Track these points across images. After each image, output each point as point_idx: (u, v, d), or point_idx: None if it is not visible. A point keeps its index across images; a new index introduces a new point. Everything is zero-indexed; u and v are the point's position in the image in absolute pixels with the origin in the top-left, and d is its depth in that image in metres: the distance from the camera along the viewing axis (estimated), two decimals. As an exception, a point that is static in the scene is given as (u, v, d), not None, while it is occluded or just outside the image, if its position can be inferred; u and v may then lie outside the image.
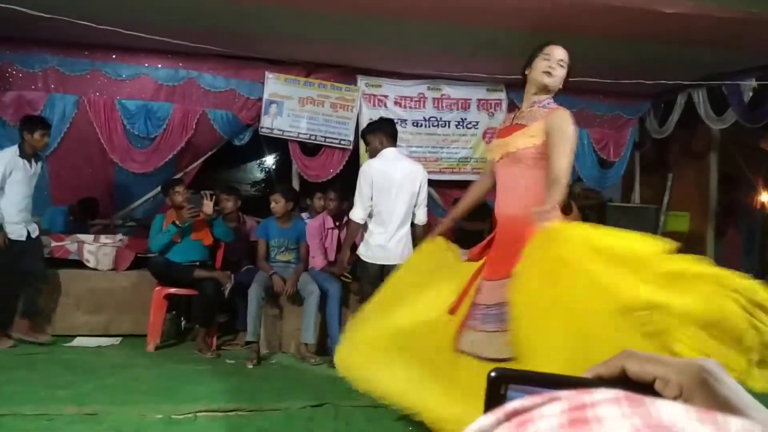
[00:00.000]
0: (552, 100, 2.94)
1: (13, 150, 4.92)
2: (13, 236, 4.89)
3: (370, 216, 4.62)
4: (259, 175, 12.13)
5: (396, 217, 4.57)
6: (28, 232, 5.02)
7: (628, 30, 5.15)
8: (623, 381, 0.46)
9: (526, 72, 2.96)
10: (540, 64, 2.91)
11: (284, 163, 8.51)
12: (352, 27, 5.50)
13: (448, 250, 3.21)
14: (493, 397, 0.44)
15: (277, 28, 5.68)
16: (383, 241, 4.56)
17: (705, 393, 0.43)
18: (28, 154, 4.95)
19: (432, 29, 5.46)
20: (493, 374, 0.45)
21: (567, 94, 7.72)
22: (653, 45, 5.51)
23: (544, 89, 2.92)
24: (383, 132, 4.66)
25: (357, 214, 4.56)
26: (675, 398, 0.44)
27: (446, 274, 3.02)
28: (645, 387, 0.45)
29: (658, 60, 5.92)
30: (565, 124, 2.76)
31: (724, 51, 5.65)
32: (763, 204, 7.32)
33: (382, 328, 2.88)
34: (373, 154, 4.78)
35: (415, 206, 4.67)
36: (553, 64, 2.90)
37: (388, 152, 4.62)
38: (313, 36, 5.86)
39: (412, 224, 4.78)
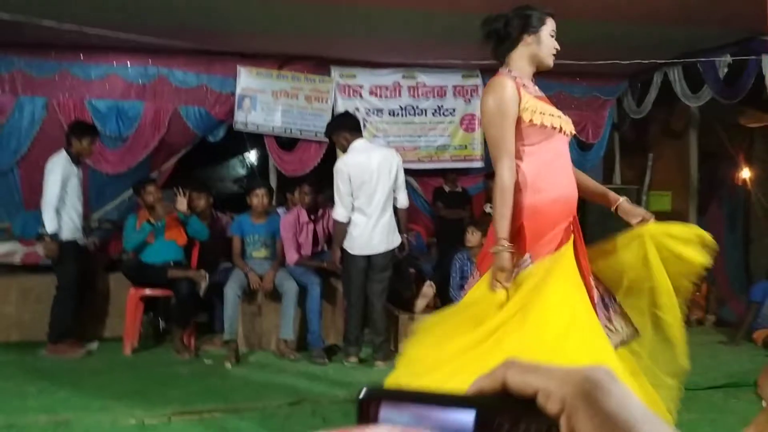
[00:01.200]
0: None
1: (65, 156, 4.94)
2: (80, 241, 5.00)
3: (352, 210, 4.62)
4: (242, 171, 12.03)
5: (376, 205, 4.63)
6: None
7: (598, 10, 5.08)
8: (507, 394, 0.42)
9: (526, 38, 2.50)
10: (549, 42, 2.53)
11: (266, 158, 8.44)
12: (322, 18, 5.42)
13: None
14: (364, 418, 0.41)
15: (247, 22, 5.59)
16: (367, 231, 4.61)
17: (589, 406, 0.39)
18: (75, 159, 4.99)
19: (402, 16, 5.38)
20: (362, 394, 0.42)
21: (542, 77, 7.66)
22: (626, 25, 5.45)
23: (540, 71, 2.58)
24: (343, 128, 4.74)
25: (340, 214, 4.64)
26: (558, 413, 0.39)
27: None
28: (528, 401, 0.41)
29: (633, 40, 5.85)
30: None
31: (698, 28, 5.59)
32: (744, 180, 7.30)
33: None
34: (343, 149, 4.78)
35: (394, 191, 4.70)
36: (557, 44, 2.56)
37: (358, 144, 4.70)
38: (284, 28, 5.78)
39: (395, 209, 4.78)
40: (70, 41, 5.86)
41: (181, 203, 5.14)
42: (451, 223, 6.72)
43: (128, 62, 6.32)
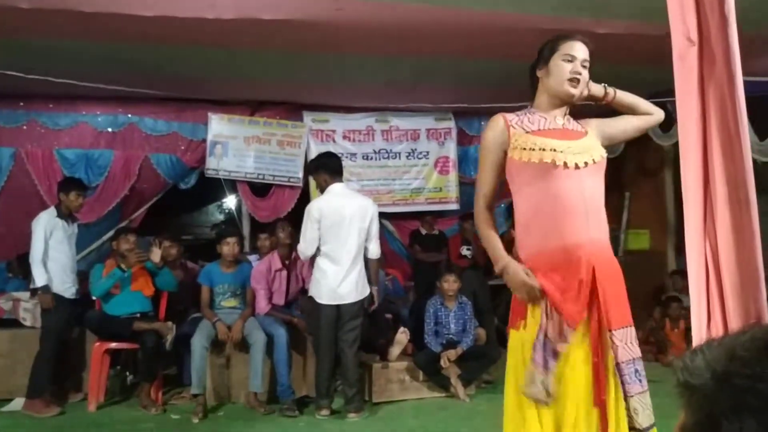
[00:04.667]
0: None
1: (51, 211, 4.98)
2: (66, 295, 4.91)
3: (318, 252, 4.57)
4: (220, 217, 11.94)
5: (348, 254, 4.54)
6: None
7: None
8: None
9: (539, 74, 2.31)
10: (562, 69, 2.24)
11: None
12: (294, 64, 5.42)
13: None
14: None
15: (218, 69, 5.59)
16: (336, 281, 4.52)
17: None
18: (64, 214, 4.99)
19: (374, 61, 5.40)
20: None
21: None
22: (594, 67, 5.49)
23: (566, 102, 2.30)
24: (325, 169, 4.68)
25: (304, 250, 4.61)
26: None
27: None
28: None
29: (603, 81, 5.90)
30: None
31: (665, 68, 5.64)
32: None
33: None
34: (321, 190, 4.72)
35: (366, 240, 4.64)
36: (578, 67, 2.25)
37: (336, 188, 4.64)
38: (255, 75, 5.78)
39: (366, 259, 4.68)
40: (39, 91, 5.83)
41: (156, 255, 5.02)
42: (429, 266, 6.65)
43: (98, 111, 6.29)
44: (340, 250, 4.51)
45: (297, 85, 6.12)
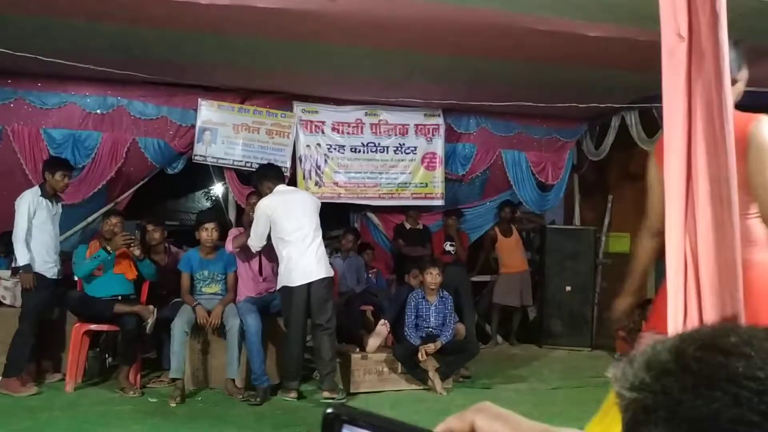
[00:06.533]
0: None
1: (35, 190, 4.97)
2: (48, 274, 4.90)
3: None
4: (207, 204, 11.91)
5: (304, 232, 4.76)
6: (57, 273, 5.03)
7: (557, 54, 5.16)
8: None
9: (741, 74, 2.17)
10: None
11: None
12: (285, 53, 5.43)
13: None
14: None
15: (210, 56, 5.58)
16: (301, 258, 4.70)
17: None
18: (49, 194, 4.97)
19: (365, 54, 5.42)
20: (329, 411, 0.44)
21: (505, 118, 7.68)
22: (584, 69, 5.54)
23: None
24: (267, 178, 4.99)
25: (254, 244, 4.87)
26: None
27: None
28: None
29: (590, 84, 5.96)
30: None
31: (653, 74, 5.70)
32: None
33: None
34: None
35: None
36: None
37: (280, 188, 4.96)
38: (247, 62, 5.77)
39: None
40: (28, 69, 5.78)
41: (136, 250, 5.01)
42: (412, 260, 6.68)
43: (87, 91, 6.24)
44: (297, 232, 4.73)
45: (288, 75, 6.12)
